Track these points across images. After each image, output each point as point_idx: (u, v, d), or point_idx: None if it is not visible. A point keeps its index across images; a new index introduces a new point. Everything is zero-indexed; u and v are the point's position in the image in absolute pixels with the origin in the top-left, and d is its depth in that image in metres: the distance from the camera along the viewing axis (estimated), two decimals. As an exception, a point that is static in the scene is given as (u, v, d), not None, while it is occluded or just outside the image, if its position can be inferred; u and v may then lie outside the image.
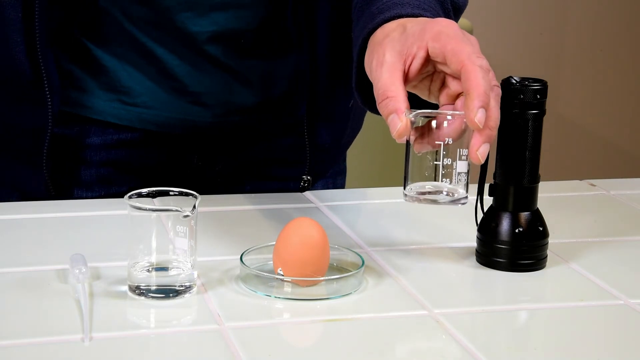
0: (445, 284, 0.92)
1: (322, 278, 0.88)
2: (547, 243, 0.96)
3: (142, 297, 0.86)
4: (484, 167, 0.96)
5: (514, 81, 0.94)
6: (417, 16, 0.93)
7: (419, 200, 0.90)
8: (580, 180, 1.26)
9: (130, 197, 0.87)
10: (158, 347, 0.79)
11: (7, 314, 0.83)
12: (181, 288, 0.87)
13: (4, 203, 1.12)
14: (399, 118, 0.86)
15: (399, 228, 1.06)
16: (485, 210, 0.97)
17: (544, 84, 0.94)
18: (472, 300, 0.91)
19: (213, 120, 1.18)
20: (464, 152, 0.88)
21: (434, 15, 0.95)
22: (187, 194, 0.88)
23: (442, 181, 0.89)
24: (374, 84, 0.89)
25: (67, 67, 1.15)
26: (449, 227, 1.05)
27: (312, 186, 1.22)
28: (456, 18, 1.03)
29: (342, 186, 1.32)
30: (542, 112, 0.94)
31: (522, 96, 0.93)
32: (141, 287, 0.87)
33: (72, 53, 1.15)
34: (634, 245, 1.04)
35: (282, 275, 0.88)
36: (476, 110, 0.84)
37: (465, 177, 0.89)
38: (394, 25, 0.93)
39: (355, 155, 1.55)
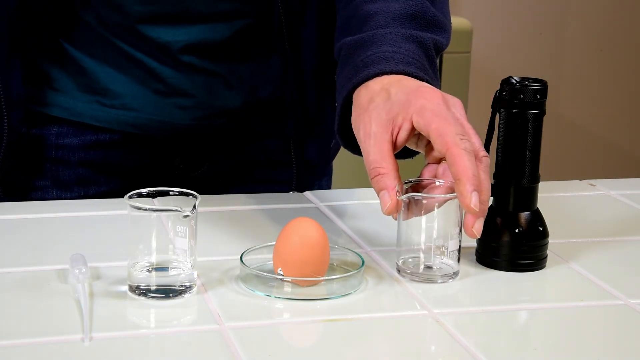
0: (445, 284, 0.92)
1: (322, 278, 0.88)
2: (547, 243, 0.96)
3: (142, 297, 0.86)
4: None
5: (514, 81, 0.94)
6: (400, 73, 0.94)
7: (413, 280, 0.92)
8: (580, 180, 1.26)
9: (130, 197, 0.87)
10: (158, 347, 0.79)
11: (7, 314, 0.83)
12: (181, 288, 0.87)
13: (3, 203, 1.12)
14: (389, 196, 0.88)
15: (399, 228, 1.06)
16: (485, 210, 0.97)
17: (544, 84, 0.94)
18: (472, 300, 0.91)
19: (195, 123, 1.17)
20: (456, 230, 0.91)
21: (418, 69, 0.96)
22: (187, 194, 0.88)
23: (434, 258, 0.92)
24: (364, 156, 0.91)
25: (44, 67, 1.15)
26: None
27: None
28: (438, 56, 1.04)
29: (327, 187, 1.32)
30: (542, 112, 0.94)
31: (522, 96, 0.93)
32: (141, 287, 0.87)
33: (50, 54, 1.14)
34: (634, 245, 1.04)
35: (282, 275, 0.88)
36: (470, 195, 0.86)
37: (457, 254, 0.93)
38: (378, 87, 0.93)
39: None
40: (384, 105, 0.91)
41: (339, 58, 1.03)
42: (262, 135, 1.23)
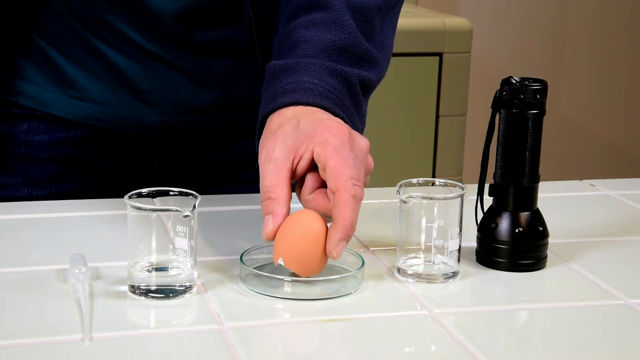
0: (445, 284, 0.92)
1: (322, 278, 0.88)
2: (547, 243, 0.96)
3: (142, 297, 0.86)
4: (484, 167, 0.97)
5: (514, 81, 0.94)
6: (316, 106, 0.94)
7: (413, 280, 0.92)
8: (580, 180, 1.26)
9: (130, 197, 0.87)
10: (158, 347, 0.79)
11: (7, 314, 0.83)
12: (181, 288, 0.87)
13: (3, 203, 1.12)
14: (272, 221, 0.89)
15: (399, 228, 1.06)
16: (485, 210, 0.97)
17: (544, 84, 0.94)
18: (472, 300, 0.91)
19: (163, 120, 1.16)
20: (456, 230, 0.92)
21: (335, 104, 0.95)
22: (187, 194, 0.88)
23: (434, 258, 0.93)
24: (260, 178, 0.91)
25: (11, 56, 1.14)
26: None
27: None
28: (367, 97, 1.03)
29: None
30: (542, 112, 0.94)
31: (522, 96, 0.93)
32: (141, 287, 0.87)
33: (18, 43, 1.14)
34: (634, 245, 1.04)
35: (283, 266, 0.88)
36: (337, 242, 0.87)
37: (457, 254, 0.93)
38: (290, 115, 0.93)
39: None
40: (291, 132, 0.91)
41: (267, 73, 1.01)
42: (239, 135, 1.21)
